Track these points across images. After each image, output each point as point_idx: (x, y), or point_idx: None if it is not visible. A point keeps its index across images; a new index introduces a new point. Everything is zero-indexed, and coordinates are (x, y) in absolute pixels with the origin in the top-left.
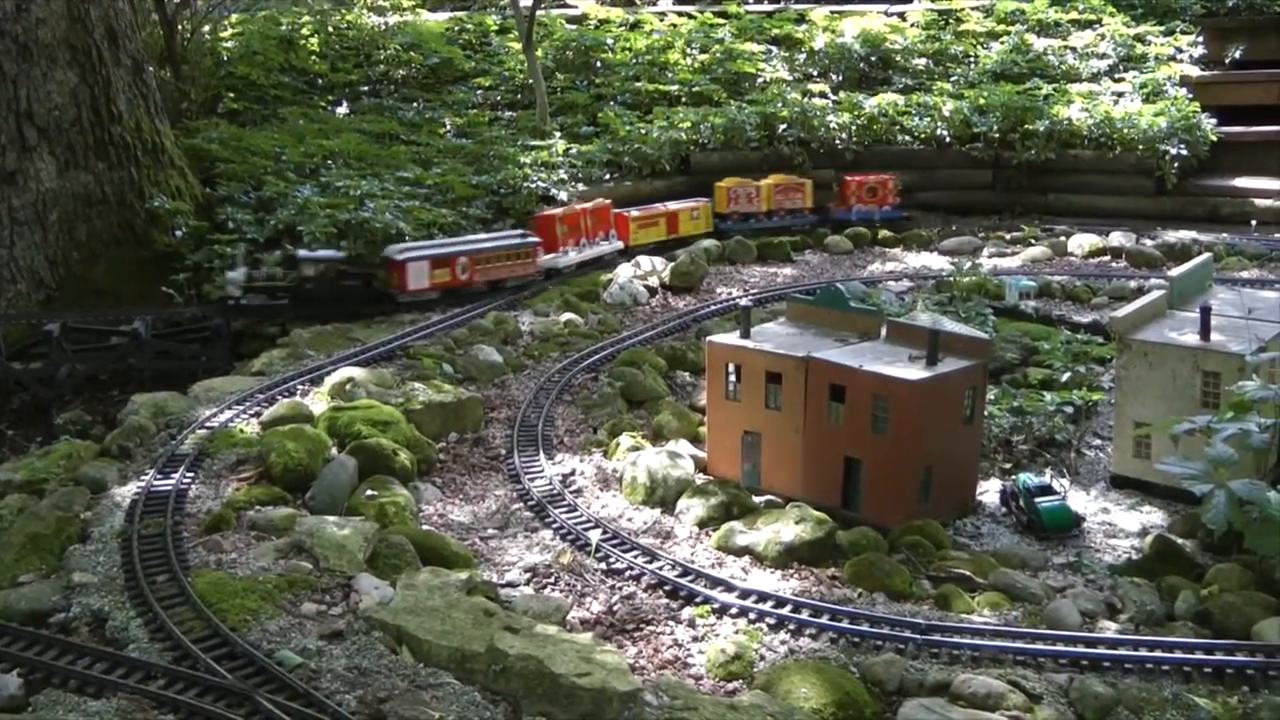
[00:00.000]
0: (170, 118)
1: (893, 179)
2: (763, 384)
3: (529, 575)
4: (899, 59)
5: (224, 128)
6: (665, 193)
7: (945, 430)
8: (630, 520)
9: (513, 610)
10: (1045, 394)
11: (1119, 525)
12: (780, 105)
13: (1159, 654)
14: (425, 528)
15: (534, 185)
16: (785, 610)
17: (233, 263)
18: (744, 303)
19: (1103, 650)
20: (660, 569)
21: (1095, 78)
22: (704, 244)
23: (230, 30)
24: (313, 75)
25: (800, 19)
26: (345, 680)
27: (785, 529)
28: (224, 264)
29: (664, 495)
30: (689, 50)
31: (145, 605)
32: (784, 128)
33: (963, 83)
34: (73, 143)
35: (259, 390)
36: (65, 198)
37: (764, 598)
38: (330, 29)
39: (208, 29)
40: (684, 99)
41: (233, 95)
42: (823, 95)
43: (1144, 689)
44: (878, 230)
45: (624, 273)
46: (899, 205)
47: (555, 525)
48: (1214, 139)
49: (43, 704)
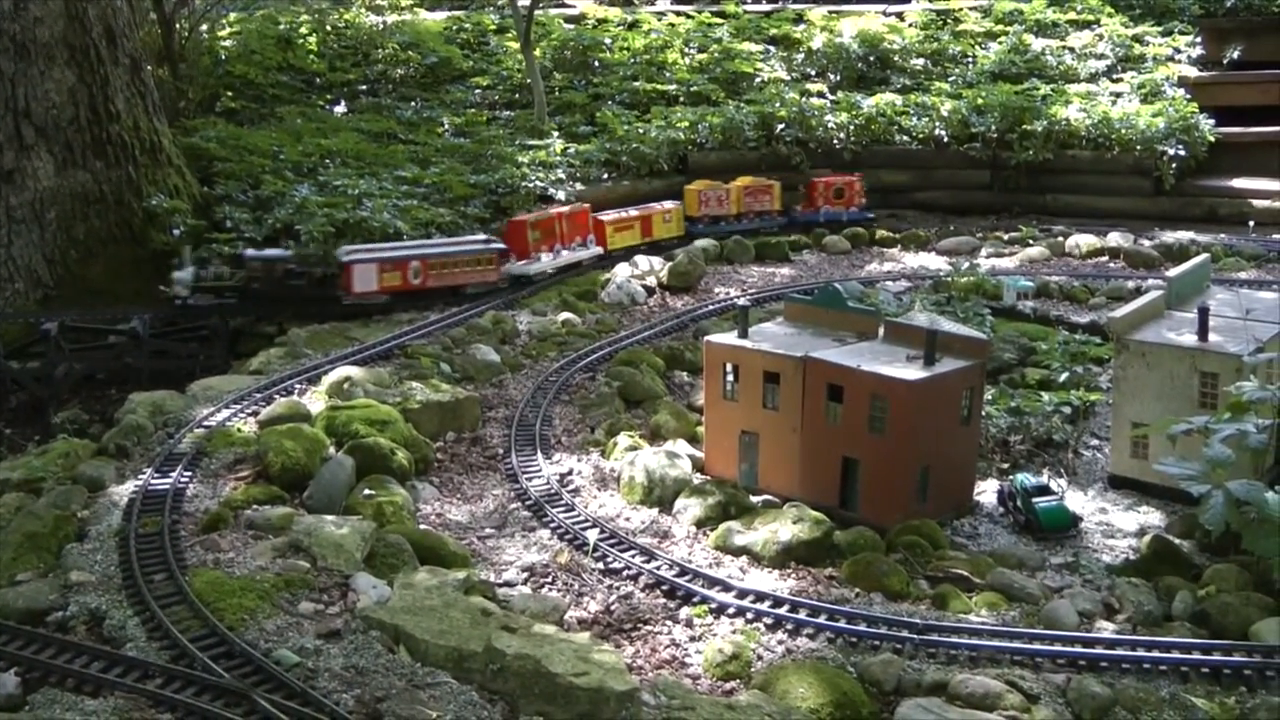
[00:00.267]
0: (168, 116)
1: (859, 180)
2: (760, 384)
3: (526, 575)
4: (897, 59)
5: (222, 127)
6: (664, 192)
7: (943, 430)
8: (628, 520)
9: (510, 610)
10: (1043, 394)
11: (1116, 525)
12: (778, 105)
13: (1156, 654)
14: (423, 527)
15: (532, 185)
16: (783, 610)
17: (180, 263)
18: (742, 302)
19: (1100, 650)
20: (658, 569)
21: (1093, 78)
22: (701, 243)
23: (228, 29)
24: (311, 74)
25: (798, 19)
26: (343, 679)
27: (783, 529)
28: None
29: (662, 495)
30: (687, 50)
31: (143, 604)
32: (782, 127)
33: (961, 83)
34: (70, 141)
35: (257, 389)
36: (63, 196)
37: (761, 597)
38: (328, 28)
39: (206, 28)
40: (682, 98)
41: (231, 94)
42: (820, 95)
43: (1141, 689)
44: (875, 231)
45: (622, 272)
46: (865, 206)
47: (553, 525)
48: (1212, 139)
49: (40, 703)
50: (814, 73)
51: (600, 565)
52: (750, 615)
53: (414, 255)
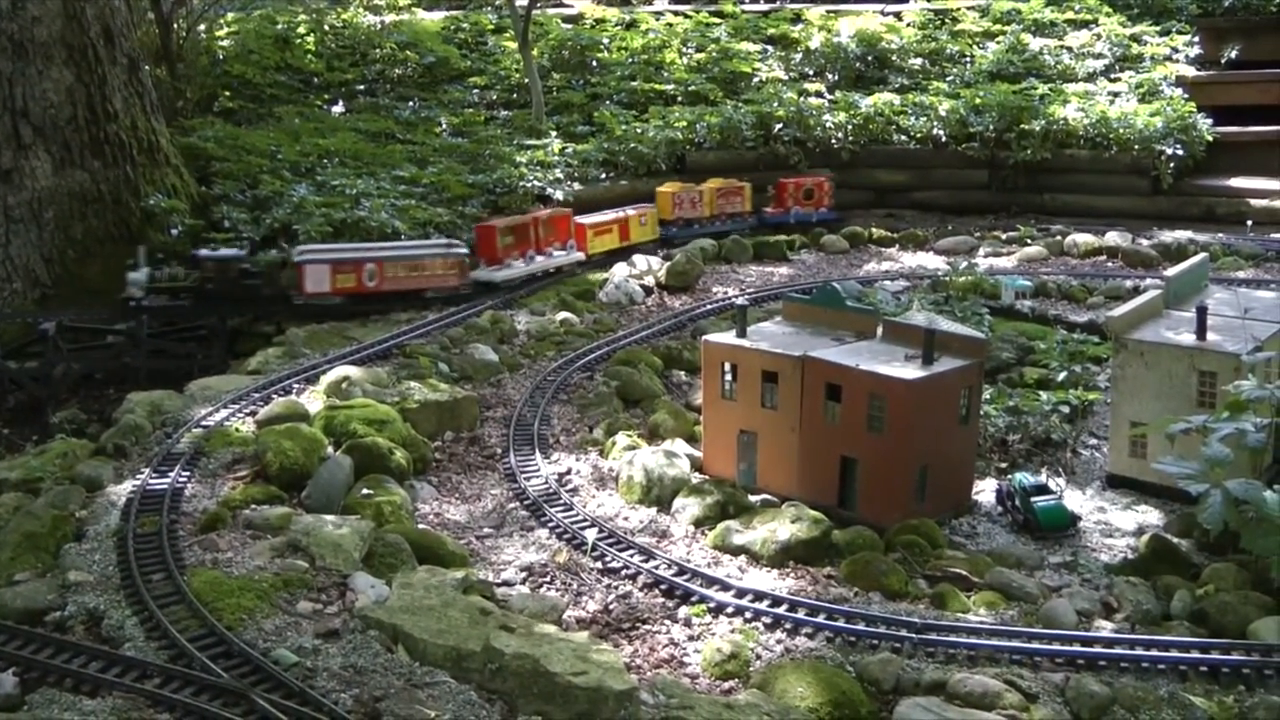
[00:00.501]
0: (166, 116)
1: (828, 180)
2: (759, 383)
3: (525, 574)
4: (895, 58)
5: (220, 126)
6: None
7: (941, 429)
8: (626, 519)
9: (509, 609)
10: (1041, 393)
11: (1115, 525)
12: (776, 105)
13: (1155, 653)
14: (421, 527)
15: (530, 184)
16: (781, 609)
17: (134, 263)
18: (740, 302)
19: (1099, 649)
20: (656, 568)
21: (1091, 77)
22: (699, 243)
23: (226, 29)
24: (308, 74)
25: (796, 18)
26: (341, 679)
27: (781, 528)
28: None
29: (660, 494)
30: (685, 49)
31: (141, 604)
32: (780, 127)
33: (959, 82)
34: (68, 141)
35: (255, 389)
36: (61, 196)
37: (760, 597)
38: (326, 28)
39: (203, 28)
40: (680, 98)
41: (228, 94)
42: (818, 95)
43: (1140, 688)
44: (871, 231)
45: (620, 272)
46: (833, 206)
47: (551, 524)
48: (1210, 139)
49: (38, 703)
50: (812, 72)
51: (599, 565)
52: (749, 614)
53: (370, 257)
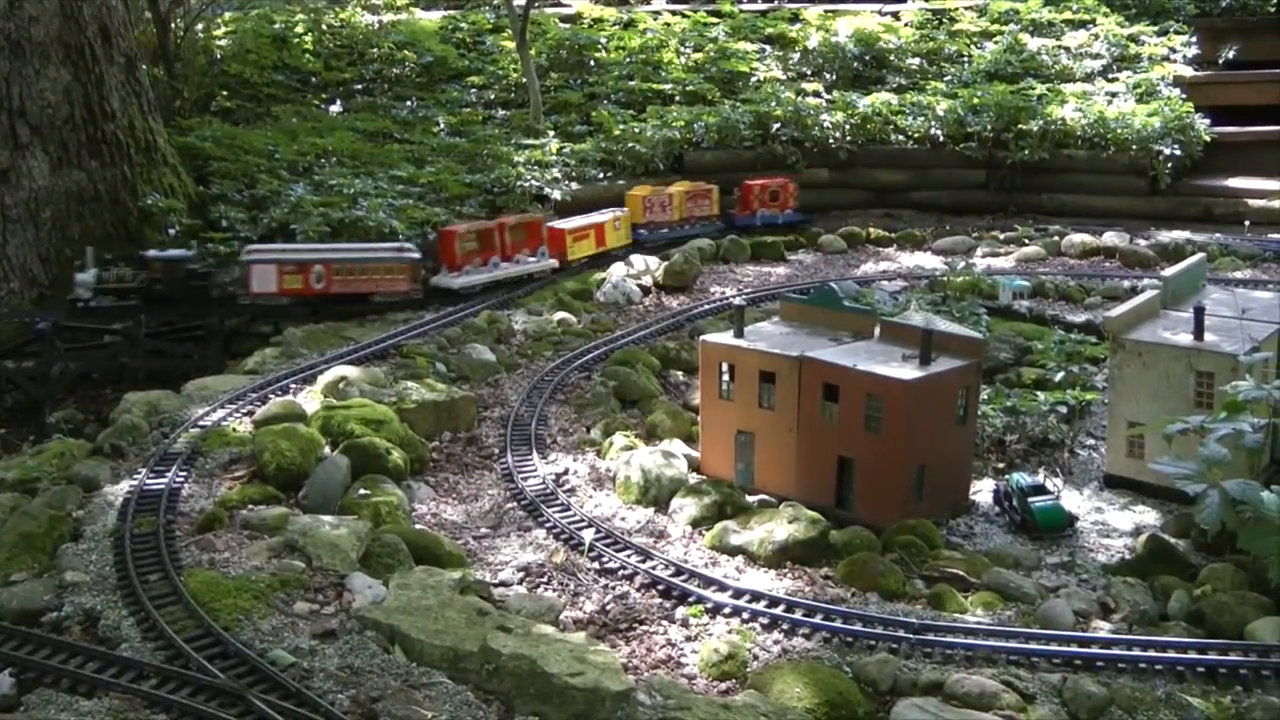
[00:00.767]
0: (163, 116)
1: (793, 182)
2: (756, 383)
3: (522, 574)
4: (893, 58)
5: (217, 126)
6: None
7: (939, 430)
8: (624, 520)
9: (506, 610)
10: (1039, 394)
11: (1112, 525)
12: (774, 104)
13: (1152, 654)
14: (418, 527)
15: (527, 184)
16: (779, 610)
17: (82, 264)
18: (738, 302)
19: (1096, 650)
20: (654, 568)
21: (1089, 78)
22: (698, 243)
23: (223, 28)
24: (306, 73)
25: (794, 18)
26: (338, 680)
27: (779, 528)
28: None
29: (657, 494)
30: (683, 49)
31: (138, 604)
32: (778, 127)
33: (956, 82)
34: (66, 141)
35: (252, 389)
36: (58, 196)
37: (757, 597)
38: (324, 27)
39: (201, 27)
40: (678, 98)
41: (226, 93)
42: (816, 94)
43: (1137, 689)
44: (869, 231)
45: (617, 272)
46: (798, 208)
47: (548, 524)
48: (1207, 139)
49: (35, 703)
50: (810, 72)
51: (596, 565)
52: (746, 615)
53: (317, 259)
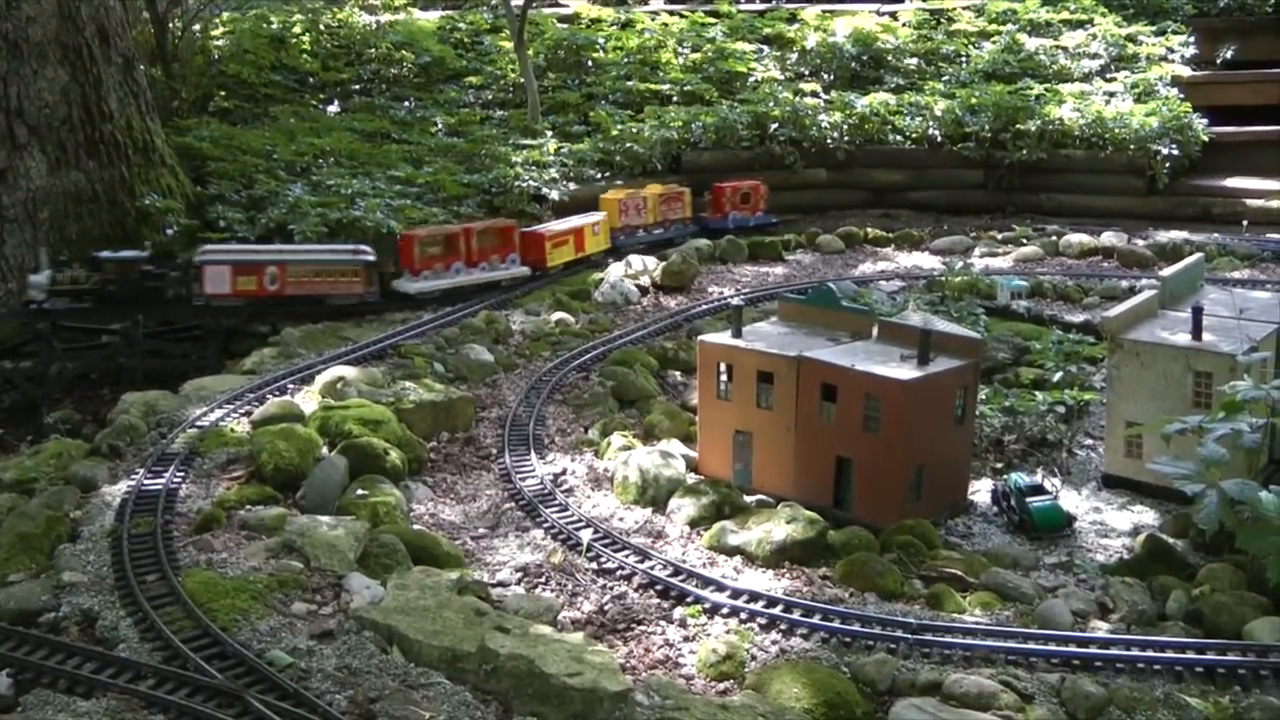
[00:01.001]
0: (161, 116)
1: (763, 184)
2: (754, 383)
3: (520, 575)
4: (890, 58)
5: (215, 126)
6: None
7: (937, 430)
8: (621, 520)
9: (504, 610)
10: (1037, 394)
11: (1111, 525)
12: (772, 104)
13: (1151, 654)
14: (416, 527)
15: (525, 184)
16: (776, 610)
17: (36, 265)
18: (735, 302)
19: (1094, 650)
20: (652, 569)
21: (1087, 77)
22: (695, 243)
23: (221, 28)
24: (304, 74)
25: (792, 18)
26: (336, 680)
27: (777, 529)
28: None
29: (655, 495)
30: (680, 49)
31: (135, 605)
32: (775, 127)
33: (954, 82)
34: (63, 141)
35: (250, 389)
36: (56, 196)
37: (755, 597)
38: (321, 27)
39: (199, 27)
40: (675, 98)
41: (224, 94)
42: (814, 94)
43: (1136, 689)
44: (867, 231)
45: (615, 272)
46: (767, 210)
47: (546, 525)
48: (1205, 139)
49: (32, 704)
50: (808, 72)
51: (594, 565)
52: (744, 615)
53: (271, 260)
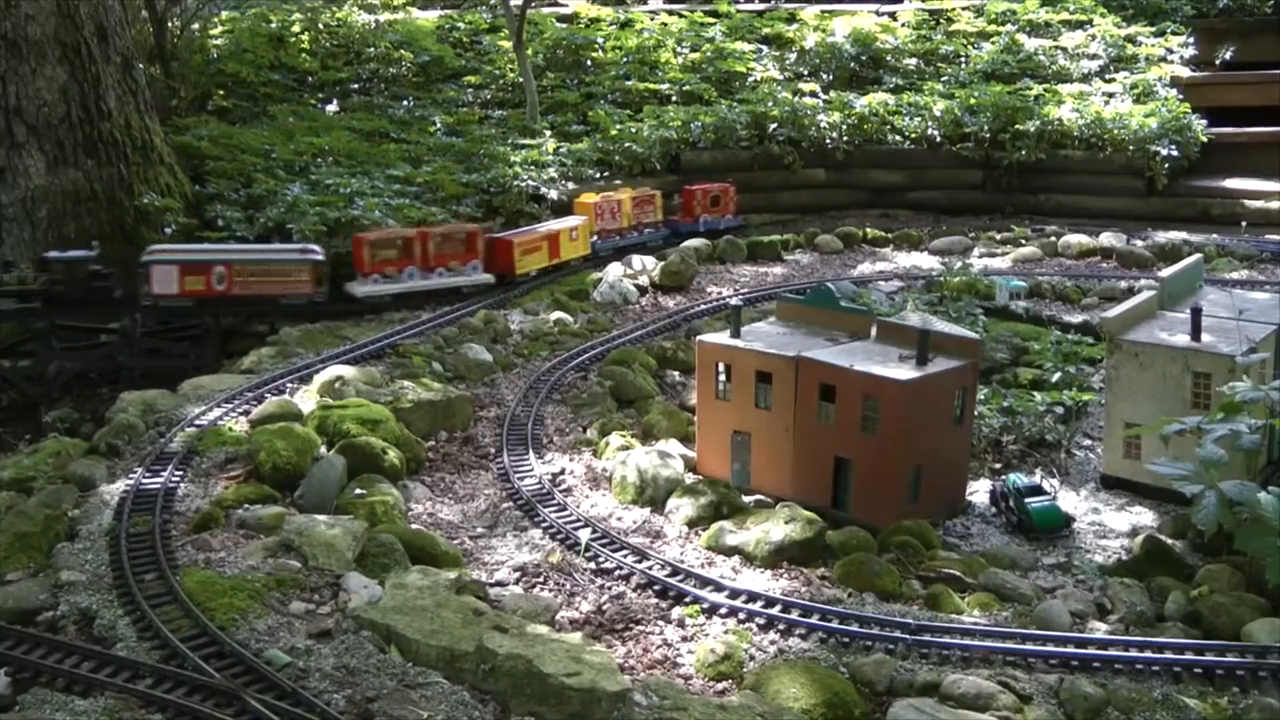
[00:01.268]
0: (160, 115)
1: (733, 186)
2: (753, 383)
3: (518, 574)
4: (890, 58)
5: (213, 125)
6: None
7: (935, 430)
8: (620, 520)
9: (502, 609)
10: (1035, 394)
11: (1109, 526)
12: (771, 104)
13: (1149, 655)
14: (414, 527)
15: (524, 184)
16: (775, 610)
17: None
18: (734, 302)
19: (1093, 651)
20: (650, 569)
21: (1086, 78)
22: (693, 243)
23: (220, 27)
24: (302, 73)
25: (791, 18)
26: (334, 679)
27: (775, 529)
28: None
29: (654, 495)
30: (679, 49)
31: (133, 604)
32: (774, 127)
33: (953, 82)
34: (62, 139)
35: (248, 388)
36: (54, 195)
37: (753, 598)
38: (320, 27)
39: (197, 26)
40: (674, 98)
41: (222, 93)
42: (813, 94)
43: (1134, 690)
44: (866, 231)
45: (614, 271)
46: (736, 213)
47: (545, 524)
48: (1204, 140)
49: (30, 703)
50: (806, 72)
51: (592, 565)
52: (742, 615)
53: (219, 260)
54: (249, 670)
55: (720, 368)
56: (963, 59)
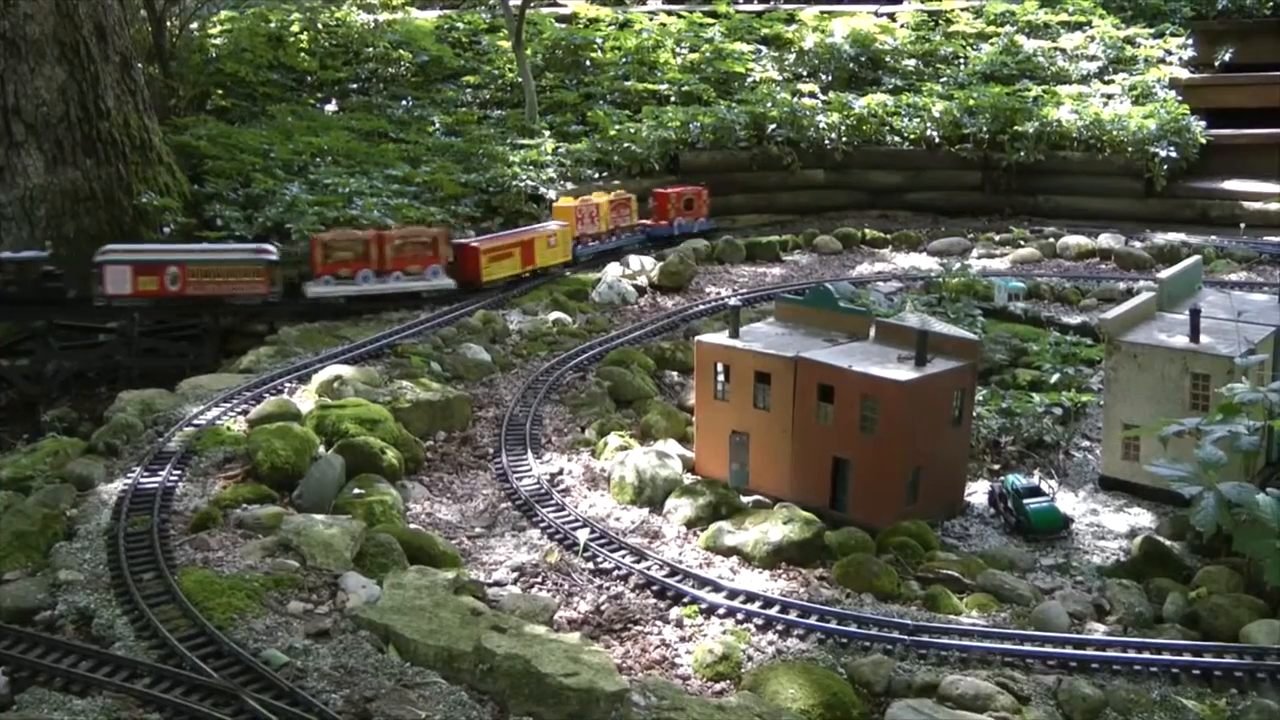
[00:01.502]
0: (158, 114)
1: (705, 190)
2: (751, 384)
3: (516, 574)
4: (888, 59)
5: (212, 125)
6: None
7: (934, 431)
8: (618, 520)
9: (500, 609)
10: (1034, 395)
11: (1107, 527)
12: (769, 105)
13: (1147, 656)
14: (413, 526)
15: (523, 184)
16: (773, 610)
17: None
18: (733, 302)
19: (1091, 652)
20: (648, 569)
21: (1085, 79)
22: (693, 243)
23: (219, 27)
24: (301, 73)
25: (790, 19)
26: (332, 679)
27: (773, 529)
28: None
29: (652, 495)
30: (678, 49)
31: (131, 603)
32: (773, 127)
33: (952, 83)
34: (61, 139)
35: (246, 388)
36: (53, 194)
37: (752, 598)
38: (319, 26)
39: (196, 26)
40: (673, 98)
41: (221, 92)
42: (812, 95)
43: (1132, 691)
44: (864, 232)
45: (612, 272)
46: (709, 216)
47: (543, 525)
48: (1203, 141)
49: (28, 702)
50: (805, 73)
51: (590, 565)
52: (740, 616)
53: (173, 260)
54: (247, 670)
55: (719, 368)
56: (962, 60)
